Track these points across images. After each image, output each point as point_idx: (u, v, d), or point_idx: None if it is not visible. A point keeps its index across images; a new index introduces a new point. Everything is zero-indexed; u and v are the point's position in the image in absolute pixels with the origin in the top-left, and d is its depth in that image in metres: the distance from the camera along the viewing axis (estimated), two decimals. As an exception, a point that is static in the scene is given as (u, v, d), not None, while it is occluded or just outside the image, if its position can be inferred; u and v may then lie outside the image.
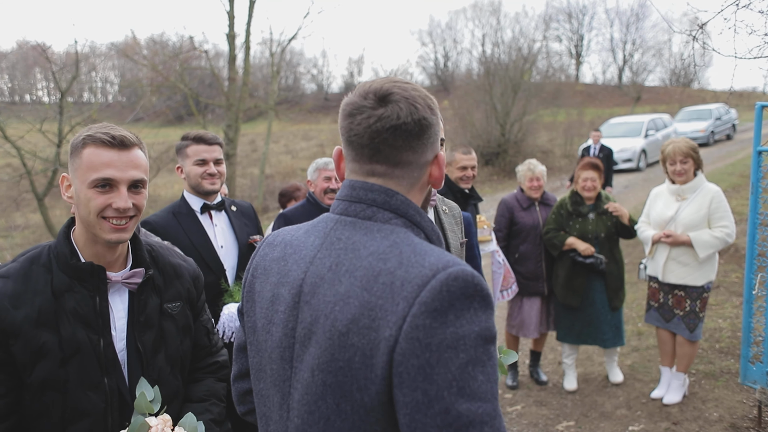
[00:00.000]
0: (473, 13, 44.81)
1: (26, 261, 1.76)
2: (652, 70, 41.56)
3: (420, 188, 1.32)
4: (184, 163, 3.15)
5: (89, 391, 1.71)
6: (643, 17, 40.24)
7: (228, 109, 16.74)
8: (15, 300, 1.67)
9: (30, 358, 1.65)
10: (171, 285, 1.96)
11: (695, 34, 3.63)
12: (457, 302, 1.07)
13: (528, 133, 22.05)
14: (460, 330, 1.06)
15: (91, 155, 1.70)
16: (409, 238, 1.21)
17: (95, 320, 1.74)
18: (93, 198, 1.70)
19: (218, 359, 2.16)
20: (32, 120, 14.36)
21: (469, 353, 1.05)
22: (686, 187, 4.48)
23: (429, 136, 1.28)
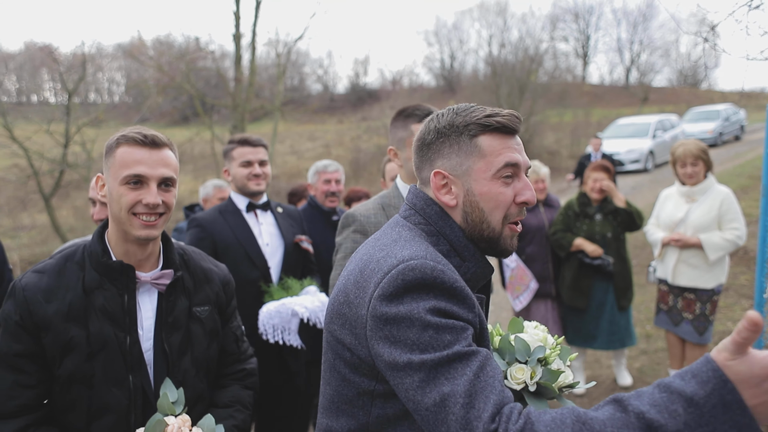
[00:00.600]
0: (479, 13, 44.73)
1: (62, 258, 1.84)
2: (660, 70, 41.35)
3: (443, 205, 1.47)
4: (231, 165, 3.27)
5: (114, 387, 1.76)
6: (651, 17, 40.07)
7: (234, 109, 16.75)
8: (48, 294, 1.74)
9: (59, 351, 1.72)
10: (200, 289, 2.01)
11: (706, 36, 3.59)
12: (413, 290, 1.23)
13: (535, 133, 22.02)
14: (415, 306, 1.21)
15: (124, 154, 1.78)
16: (414, 236, 1.37)
17: (122, 318, 1.79)
18: (124, 194, 1.76)
19: (246, 366, 2.17)
20: (39, 121, 14.43)
21: (425, 320, 1.20)
22: (696, 189, 4.44)
23: (424, 152, 1.47)
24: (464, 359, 1.17)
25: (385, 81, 42.20)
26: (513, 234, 1.43)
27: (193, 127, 18.81)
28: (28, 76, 28.52)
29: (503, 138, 1.41)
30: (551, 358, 1.57)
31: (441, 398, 1.15)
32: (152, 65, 17.62)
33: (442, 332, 1.19)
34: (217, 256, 3.10)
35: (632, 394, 1.07)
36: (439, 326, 1.20)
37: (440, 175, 1.42)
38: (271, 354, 3.18)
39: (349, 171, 21.07)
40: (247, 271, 3.13)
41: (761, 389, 0.97)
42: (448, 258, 1.38)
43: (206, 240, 3.12)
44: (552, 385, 1.53)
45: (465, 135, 1.40)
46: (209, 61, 19.42)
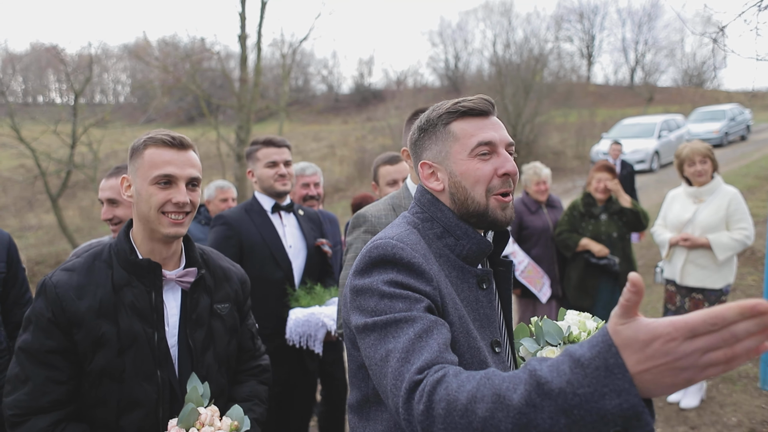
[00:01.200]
0: (484, 13, 44.64)
1: (90, 257, 1.89)
2: (665, 70, 41.23)
3: (435, 192, 1.60)
4: (255, 166, 3.29)
5: (144, 382, 1.81)
6: (656, 17, 39.96)
7: (239, 110, 16.79)
8: (79, 292, 1.79)
9: (91, 347, 1.77)
10: (221, 286, 2.07)
11: (715, 36, 3.59)
12: (378, 266, 1.40)
13: (539, 134, 21.99)
14: (376, 279, 1.38)
15: (153, 155, 1.84)
16: (402, 223, 1.54)
17: (150, 314, 1.84)
18: (155, 194, 1.83)
19: (261, 363, 2.25)
20: (46, 121, 14.49)
21: (382, 290, 1.35)
22: (704, 190, 4.44)
23: (414, 149, 1.62)
24: (410, 322, 1.30)
25: (389, 81, 42.21)
26: (502, 204, 1.51)
27: (198, 128, 18.86)
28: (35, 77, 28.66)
29: (476, 120, 1.53)
30: (580, 338, 1.59)
31: (385, 353, 1.29)
32: (158, 66, 17.68)
33: (395, 300, 1.34)
34: (243, 255, 3.12)
35: (541, 358, 1.12)
36: (393, 295, 1.34)
37: (426, 165, 1.57)
38: (291, 353, 3.23)
39: (354, 171, 21.09)
40: (271, 272, 3.16)
41: (645, 354, 0.95)
42: (443, 239, 1.52)
43: (233, 238, 3.14)
44: None
45: (440, 125, 1.54)
46: (214, 62, 19.46)
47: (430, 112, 1.58)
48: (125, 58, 27.64)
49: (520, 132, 21.19)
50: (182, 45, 20.83)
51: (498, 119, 1.57)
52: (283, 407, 3.32)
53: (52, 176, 14.62)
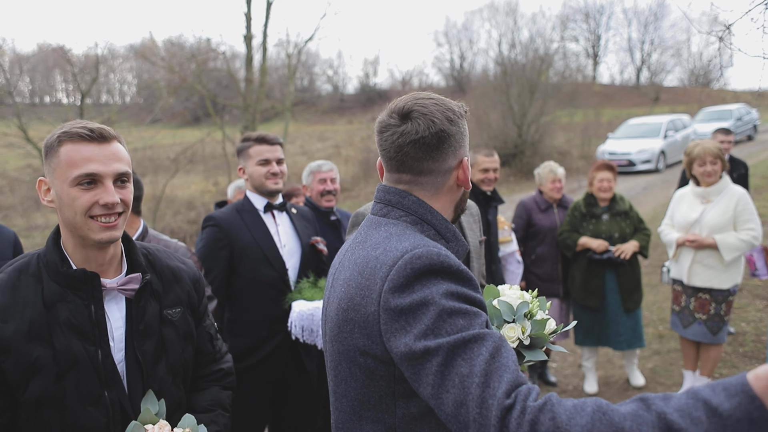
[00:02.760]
0: (489, 13, 44.66)
1: (14, 271, 1.65)
2: (671, 70, 41.11)
3: (447, 191, 1.51)
4: (247, 163, 3.21)
5: (89, 407, 1.61)
6: (662, 17, 39.84)
7: (245, 110, 16.81)
8: (3, 314, 1.57)
9: (22, 375, 1.56)
10: (170, 290, 1.85)
11: (721, 35, 3.57)
12: (423, 277, 1.27)
13: (545, 134, 21.89)
14: (428, 292, 1.25)
15: (70, 152, 1.59)
16: (405, 230, 1.42)
17: (91, 330, 1.63)
18: (78, 197, 1.59)
19: (223, 366, 2.06)
20: (53, 121, 14.53)
21: (440, 305, 1.23)
22: (711, 190, 4.42)
23: (449, 145, 1.46)
24: (479, 341, 1.19)
25: (394, 81, 42.27)
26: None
27: (204, 128, 18.86)
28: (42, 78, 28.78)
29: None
30: (534, 310, 1.69)
31: (460, 380, 1.17)
32: (164, 66, 17.70)
33: (455, 317, 1.22)
34: (234, 257, 3.08)
35: (659, 396, 1.07)
36: (453, 311, 1.23)
37: (466, 160, 1.51)
38: (287, 353, 3.20)
39: (359, 171, 21.07)
40: (264, 273, 3.11)
41: None
42: (436, 242, 1.45)
43: (223, 240, 3.08)
44: (542, 332, 1.64)
45: (464, 120, 1.54)
46: (220, 62, 19.47)
47: (451, 104, 1.50)
48: (131, 59, 27.71)
49: (525, 132, 21.12)
50: (188, 45, 20.86)
51: None
52: (277, 407, 3.31)
53: (59, 176, 14.66)
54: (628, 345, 4.92)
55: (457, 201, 1.55)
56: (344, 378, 1.42)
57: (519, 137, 21.04)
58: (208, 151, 19.78)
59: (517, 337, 1.63)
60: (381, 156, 1.52)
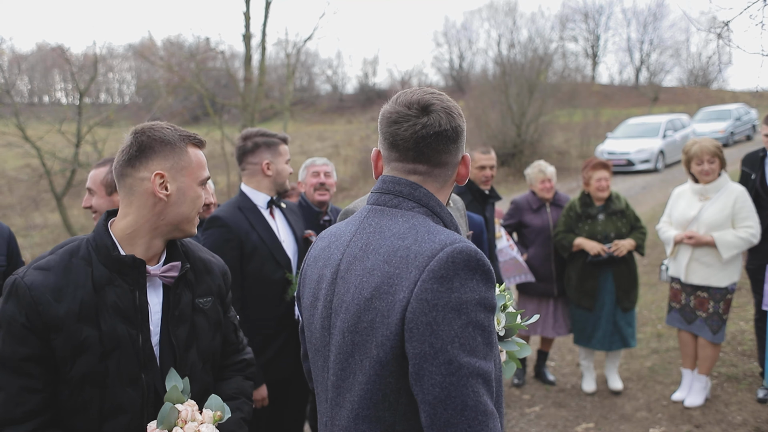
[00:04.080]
0: (488, 13, 44.67)
1: (65, 253, 1.73)
2: (670, 70, 41.10)
3: (450, 185, 1.57)
4: (277, 159, 3.22)
5: (128, 387, 1.70)
6: (661, 17, 39.84)
7: (244, 109, 16.81)
8: (57, 293, 1.65)
9: (71, 353, 1.64)
10: (202, 280, 1.96)
11: (720, 32, 3.57)
12: (461, 272, 1.29)
13: (544, 133, 21.90)
14: (464, 296, 1.28)
15: (198, 155, 1.84)
16: (427, 222, 1.43)
17: (135, 315, 1.73)
18: (200, 195, 1.83)
19: (245, 357, 2.15)
20: (51, 121, 14.53)
21: (470, 316, 1.28)
22: (710, 187, 4.42)
23: (462, 139, 1.52)
24: (488, 382, 1.29)
25: (394, 81, 42.19)
26: None
27: (203, 127, 18.87)
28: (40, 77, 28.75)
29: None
30: (508, 303, 1.82)
31: (462, 406, 1.25)
32: (162, 65, 17.70)
33: (477, 332, 1.29)
34: (243, 257, 3.05)
35: None
36: (478, 324, 1.29)
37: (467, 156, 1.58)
38: (292, 351, 3.20)
39: (358, 171, 21.06)
40: (272, 270, 3.11)
41: None
42: None
43: (233, 240, 3.03)
44: (514, 323, 1.79)
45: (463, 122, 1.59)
46: (219, 62, 19.47)
47: (452, 103, 1.53)
48: (130, 58, 27.70)
49: (524, 132, 21.12)
50: (187, 45, 20.86)
51: None
52: (278, 405, 3.30)
53: (57, 175, 14.65)
54: (619, 345, 4.88)
55: (449, 195, 1.61)
56: (353, 371, 1.40)
57: (518, 137, 21.04)
58: (207, 151, 19.67)
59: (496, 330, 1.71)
60: (393, 147, 1.51)
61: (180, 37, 34.03)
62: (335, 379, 1.46)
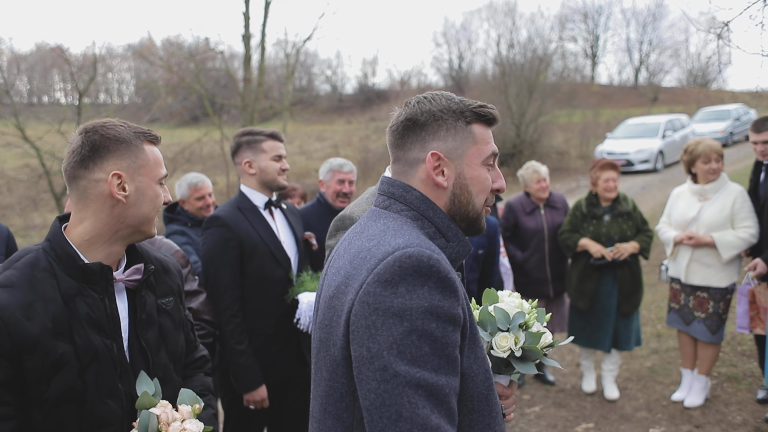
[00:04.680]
0: (488, 13, 44.53)
1: (25, 267, 1.62)
2: (669, 70, 41.11)
3: (438, 187, 1.47)
4: (259, 158, 3.15)
5: (108, 399, 1.64)
6: (660, 17, 39.84)
7: (243, 109, 16.82)
8: (27, 311, 1.54)
9: (48, 372, 1.55)
10: (161, 280, 1.88)
11: (720, 32, 3.57)
12: (409, 277, 1.24)
13: (543, 133, 21.93)
14: (409, 302, 1.23)
15: (155, 152, 1.74)
16: (404, 226, 1.39)
17: (107, 324, 1.66)
18: (160, 194, 1.74)
19: (202, 353, 2.13)
20: (50, 121, 14.53)
21: (414, 324, 1.21)
22: (709, 187, 4.42)
23: (433, 129, 1.46)
24: (435, 395, 1.21)
25: (393, 81, 42.22)
26: (485, 215, 1.54)
27: (202, 127, 18.87)
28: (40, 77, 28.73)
29: (488, 129, 1.53)
30: (531, 322, 1.65)
31: (396, 416, 1.20)
32: (162, 65, 17.71)
33: (424, 341, 1.22)
34: (244, 256, 3.04)
35: None
36: (424, 333, 1.22)
37: (436, 156, 1.46)
38: (289, 345, 3.20)
39: (357, 171, 21.08)
40: (272, 271, 3.09)
41: None
42: (434, 240, 1.43)
43: (233, 240, 3.02)
44: (536, 346, 1.61)
45: (461, 121, 1.47)
46: (218, 62, 19.47)
47: (446, 101, 1.49)
48: (130, 58, 27.69)
49: (523, 132, 21.15)
50: (186, 45, 20.86)
51: None
52: (277, 406, 3.30)
53: (57, 175, 14.64)
54: (626, 346, 4.87)
55: (456, 201, 1.55)
56: (320, 367, 1.43)
57: (517, 137, 21.06)
58: (206, 151, 19.77)
59: (508, 347, 1.60)
60: (388, 147, 1.59)
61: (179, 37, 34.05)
62: (313, 372, 1.50)
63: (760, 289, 4.14)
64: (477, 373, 1.34)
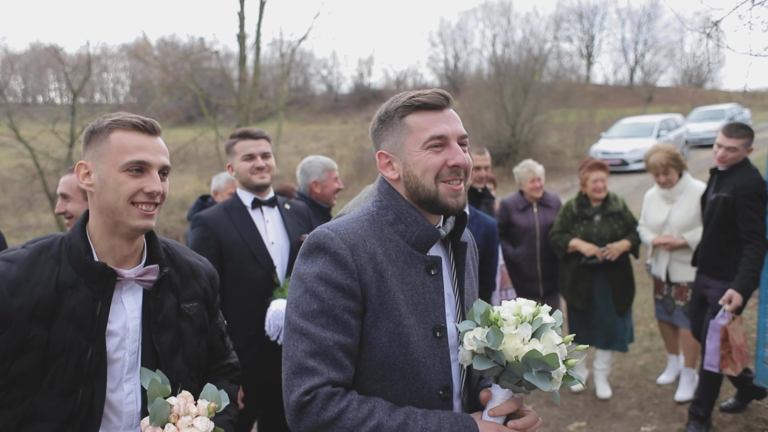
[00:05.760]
0: (483, 13, 44.70)
1: (36, 249, 1.68)
2: (664, 70, 41.33)
3: (392, 180, 1.67)
4: (233, 159, 3.21)
5: (58, 397, 1.60)
6: (655, 17, 40.01)
7: (238, 109, 16.78)
8: (14, 287, 1.59)
9: (14, 350, 1.56)
10: (188, 284, 1.89)
11: (709, 32, 3.59)
12: (313, 251, 1.55)
13: (538, 133, 21.97)
14: (308, 269, 1.54)
15: (122, 139, 1.66)
16: (361, 212, 1.65)
17: (90, 325, 1.64)
18: (125, 182, 1.65)
19: (231, 361, 2.12)
20: (45, 121, 14.48)
21: (308, 285, 1.52)
22: (673, 190, 4.67)
23: (386, 126, 1.65)
24: (308, 337, 1.48)
25: (389, 81, 42.31)
26: (452, 192, 1.60)
27: (197, 127, 18.85)
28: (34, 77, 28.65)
29: (429, 113, 1.61)
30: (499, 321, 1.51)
31: (285, 355, 1.52)
32: (157, 65, 17.67)
33: (312, 299, 1.51)
34: (222, 255, 3.05)
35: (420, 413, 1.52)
36: (314, 293, 1.51)
37: (383, 155, 1.66)
38: (277, 354, 3.17)
39: (353, 171, 21.10)
40: (252, 271, 3.08)
41: None
42: (394, 225, 1.63)
43: (210, 239, 3.06)
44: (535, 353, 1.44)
45: (396, 117, 1.63)
46: (214, 62, 19.44)
47: (388, 104, 1.65)
48: (125, 58, 27.65)
49: (519, 131, 21.18)
50: (181, 45, 20.86)
51: (454, 111, 1.65)
52: (265, 406, 3.28)
53: (51, 175, 14.59)
54: (621, 346, 4.88)
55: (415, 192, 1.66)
56: None
57: (512, 137, 21.09)
58: (202, 151, 19.75)
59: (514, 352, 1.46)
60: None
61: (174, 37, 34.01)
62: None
63: (734, 325, 3.82)
64: (385, 344, 1.53)
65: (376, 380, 1.54)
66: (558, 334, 1.52)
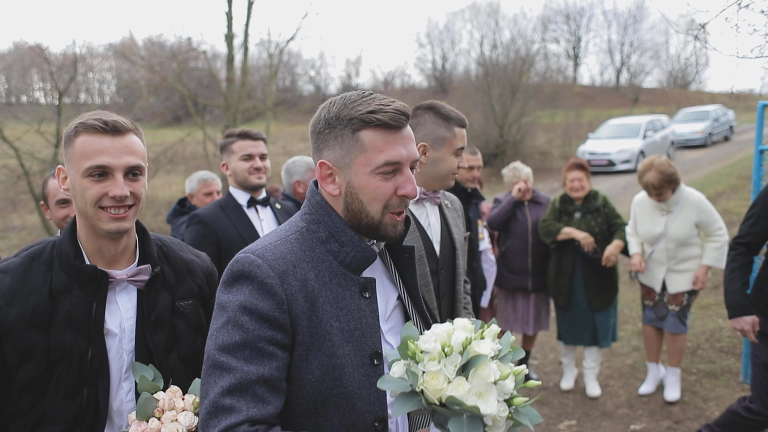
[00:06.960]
0: (471, 14, 44.83)
1: (27, 257, 1.69)
2: (650, 71, 41.67)
3: (340, 195, 1.49)
4: (230, 159, 3.23)
5: (64, 400, 1.63)
6: (641, 19, 40.35)
7: (226, 109, 16.71)
8: (10, 297, 1.61)
9: (17, 360, 1.59)
10: (183, 282, 1.87)
11: (696, 34, 3.63)
12: (238, 279, 1.40)
13: (526, 134, 22.07)
14: (231, 298, 1.39)
15: (84, 143, 1.63)
16: (287, 227, 1.51)
17: (87, 327, 1.65)
18: (88, 187, 1.62)
19: None
20: (30, 121, 14.33)
21: (230, 315, 1.37)
22: (669, 201, 4.57)
23: (329, 135, 1.46)
24: (229, 371, 1.33)
25: (377, 82, 42.25)
26: (395, 222, 1.48)
27: (185, 128, 18.71)
28: (18, 76, 28.31)
29: (386, 133, 1.43)
30: (416, 355, 1.28)
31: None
32: (144, 65, 17.54)
33: (235, 330, 1.36)
34: (221, 253, 3.07)
35: None
36: (237, 324, 1.36)
37: (325, 165, 1.47)
38: None
39: (341, 171, 21.02)
40: None
41: None
42: (326, 244, 1.47)
43: (210, 237, 3.08)
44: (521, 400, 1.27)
45: (348, 128, 1.43)
46: (201, 62, 19.35)
47: (340, 106, 1.46)
48: (111, 58, 27.37)
49: (506, 132, 21.26)
50: (169, 45, 20.69)
51: (410, 129, 1.49)
52: None
53: (36, 176, 14.44)
54: (605, 342, 4.92)
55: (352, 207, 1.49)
56: None
57: (500, 137, 21.17)
58: (189, 151, 19.62)
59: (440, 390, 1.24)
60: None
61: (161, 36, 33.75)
62: None
63: None
64: (318, 378, 1.39)
65: (309, 417, 1.41)
66: (506, 363, 1.28)
